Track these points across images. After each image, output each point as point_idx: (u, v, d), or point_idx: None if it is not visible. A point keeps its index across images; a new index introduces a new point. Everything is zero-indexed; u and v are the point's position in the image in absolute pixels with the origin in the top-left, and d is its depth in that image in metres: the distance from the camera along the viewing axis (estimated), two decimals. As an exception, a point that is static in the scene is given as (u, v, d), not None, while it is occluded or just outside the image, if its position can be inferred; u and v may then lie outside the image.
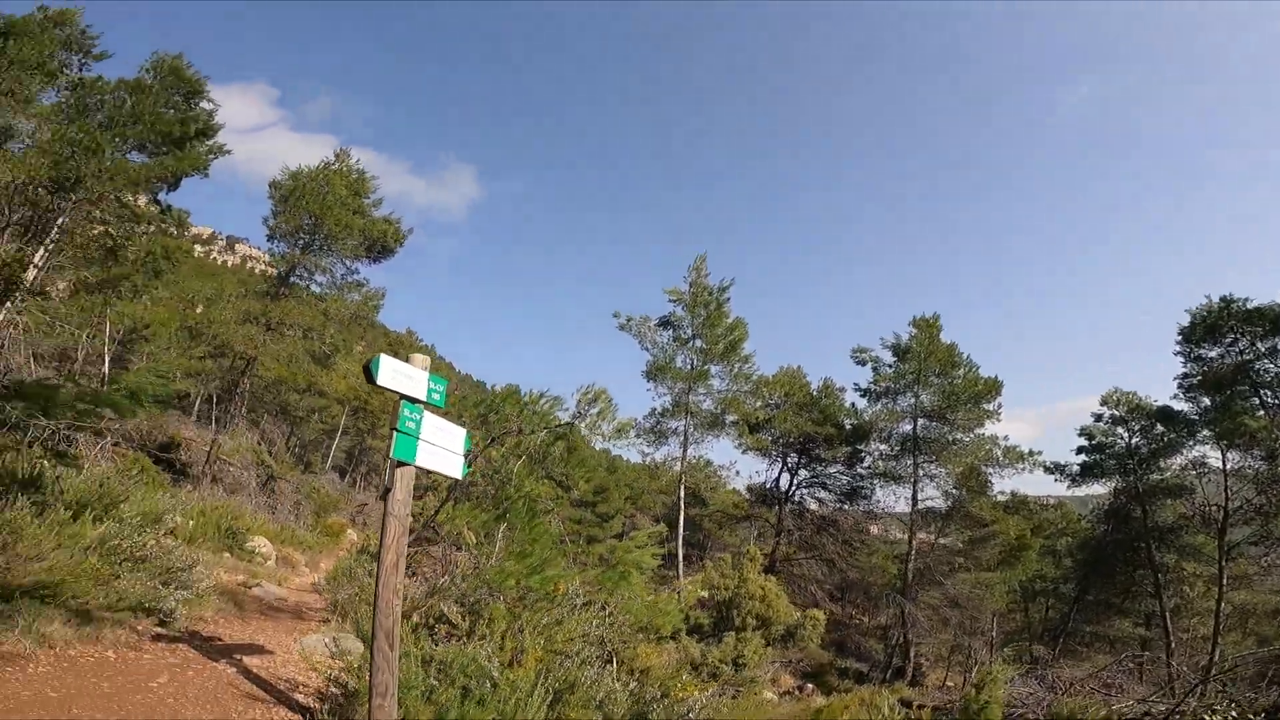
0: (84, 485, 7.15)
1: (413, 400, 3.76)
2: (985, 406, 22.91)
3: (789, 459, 27.12)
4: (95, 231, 15.62)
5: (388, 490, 3.61)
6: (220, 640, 5.79)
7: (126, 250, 16.91)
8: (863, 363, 24.59)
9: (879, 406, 24.44)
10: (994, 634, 24.28)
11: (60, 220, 14.63)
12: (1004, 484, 35.60)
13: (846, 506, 26.88)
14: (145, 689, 4.07)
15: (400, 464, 3.63)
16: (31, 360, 15.28)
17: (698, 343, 22.59)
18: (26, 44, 13.66)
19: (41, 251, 14.52)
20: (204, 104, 17.26)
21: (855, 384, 25.92)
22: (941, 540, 24.74)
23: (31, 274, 14.33)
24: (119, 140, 14.95)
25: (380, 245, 21.26)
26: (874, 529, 28.25)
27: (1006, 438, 23.43)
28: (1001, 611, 25.72)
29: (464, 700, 4.17)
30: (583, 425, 8.32)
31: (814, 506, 27.65)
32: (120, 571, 5.69)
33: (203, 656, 5.10)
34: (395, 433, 3.60)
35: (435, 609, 5.92)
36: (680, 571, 21.34)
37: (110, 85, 15.46)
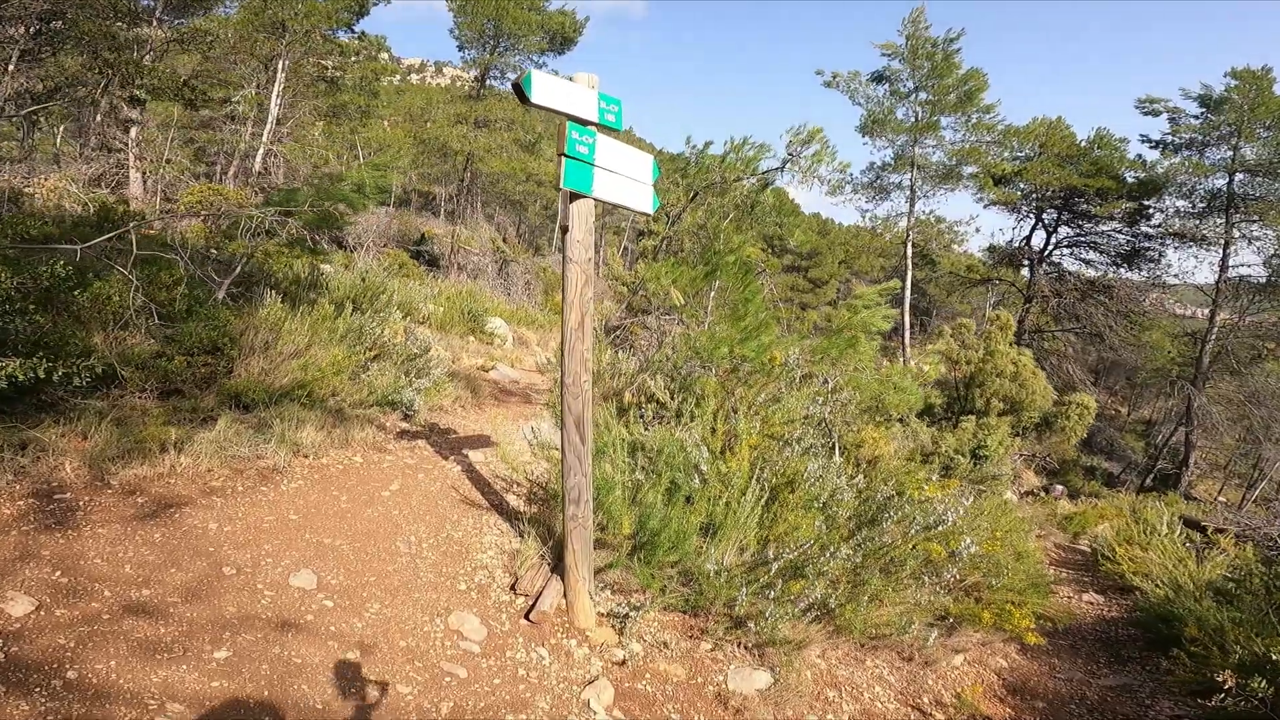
0: (350, 281, 7.69)
1: (581, 121, 2.88)
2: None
3: (1045, 215, 22.64)
4: (312, 65, 16.78)
5: (564, 231, 2.85)
6: (454, 432, 5.90)
7: (343, 79, 18.20)
8: (1153, 113, 19.86)
9: (1178, 159, 19.73)
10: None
11: (282, 63, 15.66)
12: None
13: (1124, 271, 22.18)
14: (376, 500, 4.14)
15: (575, 196, 2.84)
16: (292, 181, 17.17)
17: (921, 95, 20.30)
18: None
19: (275, 91, 15.76)
20: None
21: (1142, 135, 20.53)
22: (1251, 319, 19.75)
23: (273, 109, 15.73)
24: None
25: (561, 37, 20.85)
26: (1151, 299, 23.00)
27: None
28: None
29: (670, 499, 3.70)
30: (796, 170, 6.90)
31: (1077, 269, 23.23)
32: (368, 363, 5.82)
33: (435, 454, 5.19)
34: (563, 158, 2.78)
35: (647, 386, 5.41)
36: (906, 341, 19.99)
37: None
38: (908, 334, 20.25)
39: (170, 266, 4.72)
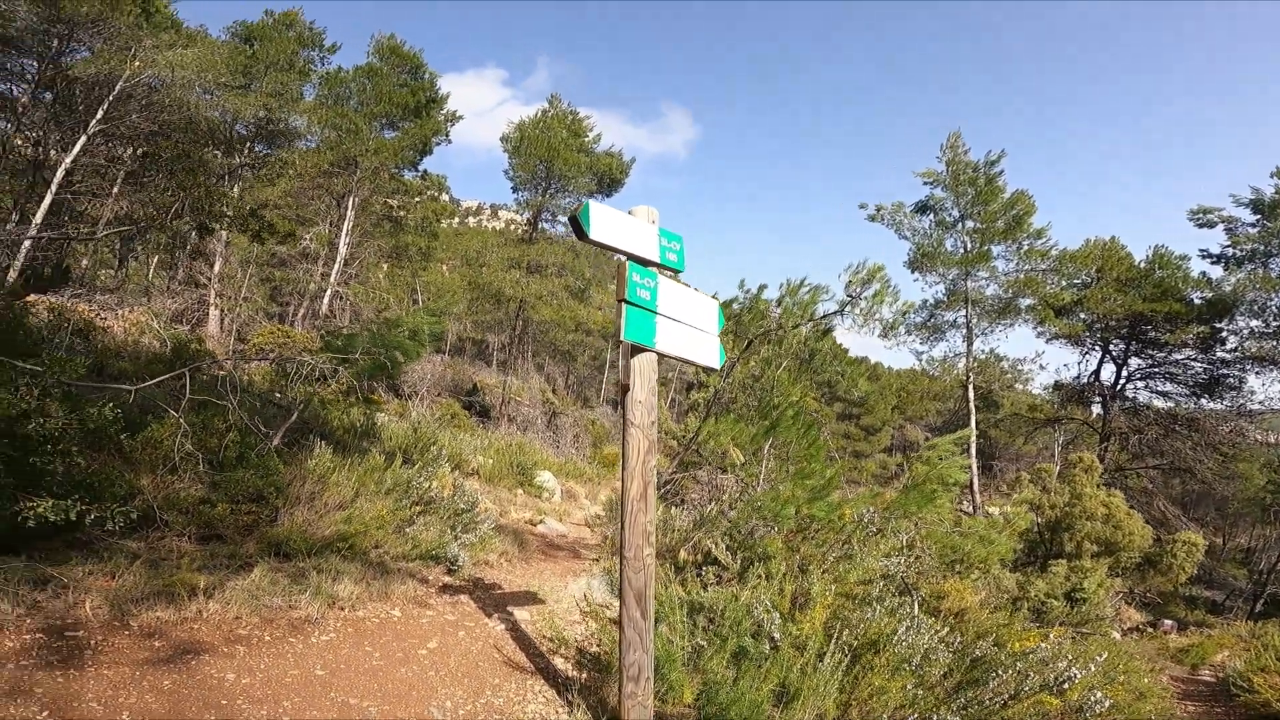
0: (402, 431, 7.74)
1: (641, 261, 2.72)
2: None
3: (1111, 346, 21.77)
4: (379, 204, 18.35)
5: (624, 390, 2.64)
6: (499, 588, 5.65)
7: (406, 218, 19.74)
8: (1207, 224, 18.92)
9: (1243, 274, 18.48)
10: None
11: (352, 199, 17.16)
12: None
13: (1205, 401, 20.87)
14: (412, 659, 3.86)
15: (636, 349, 2.64)
16: (355, 323, 18.14)
17: (968, 224, 19.65)
18: (270, 46, 15.73)
19: (345, 229, 17.14)
20: (425, 76, 18.98)
21: (1201, 250, 19.86)
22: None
23: (342, 248, 17.01)
24: (371, 120, 16.83)
25: (608, 179, 21.99)
26: (1231, 429, 21.67)
27: None
28: None
29: (737, 665, 3.36)
30: (855, 313, 6.76)
31: (1155, 402, 21.95)
32: (413, 516, 5.75)
33: (478, 611, 4.93)
34: (624, 305, 2.59)
35: (703, 545, 5.09)
36: (975, 489, 18.61)
37: (350, 74, 17.47)
38: (976, 481, 18.98)
39: (224, 411, 4.74)
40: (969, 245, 19.56)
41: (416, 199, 20.33)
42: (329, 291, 17.06)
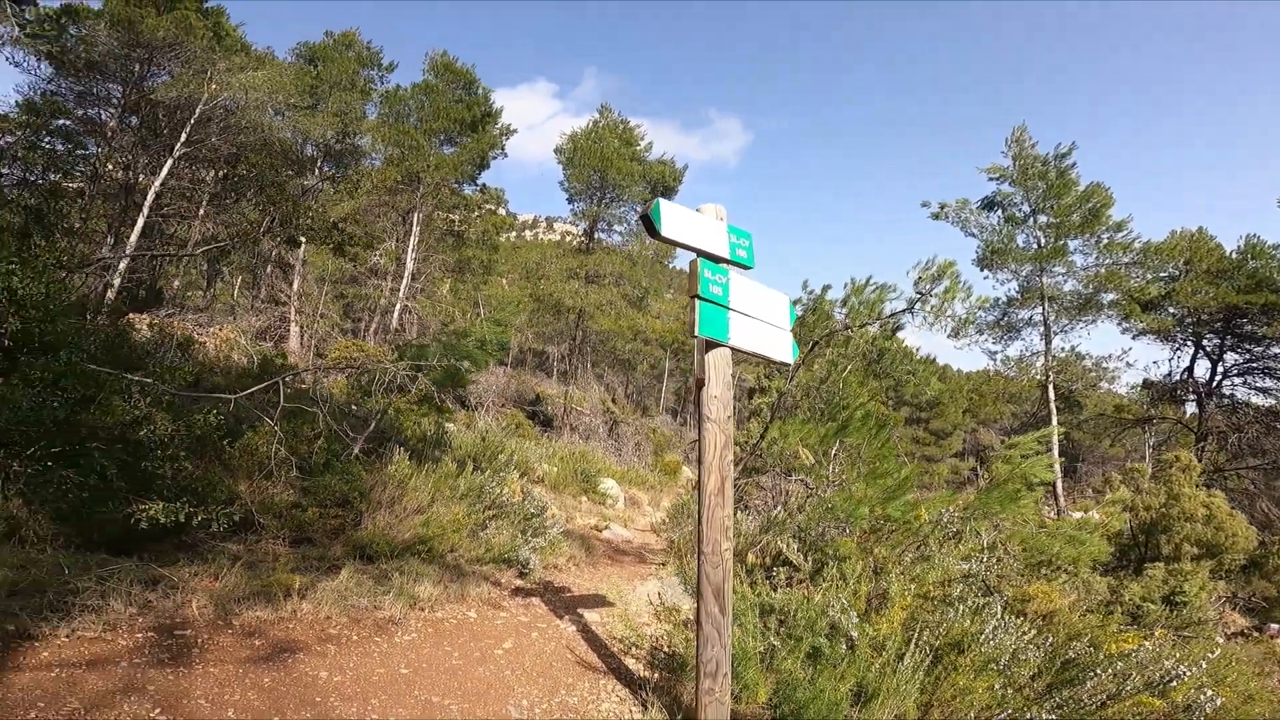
0: (471, 440, 7.99)
1: (713, 258, 2.72)
2: None
3: (1205, 341, 20.32)
4: (441, 219, 19.01)
5: (699, 385, 2.64)
6: (569, 591, 5.75)
7: (467, 232, 20.36)
8: None
9: None
10: None
11: (416, 216, 17.83)
12: None
13: (1310, 395, 19.18)
14: (489, 659, 3.96)
15: (710, 344, 2.64)
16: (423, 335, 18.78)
17: (1040, 218, 18.89)
18: (333, 66, 16.52)
19: (410, 245, 17.82)
20: (478, 91, 19.50)
21: None
22: None
23: (409, 263, 17.69)
24: (430, 137, 17.46)
25: (662, 186, 22.00)
26: None
27: None
28: None
29: (812, 665, 3.33)
30: (925, 311, 6.56)
31: (1254, 399, 20.32)
32: (486, 521, 5.93)
33: (550, 613, 5.02)
34: (697, 300, 2.60)
35: (771, 547, 5.04)
36: (1059, 491, 17.68)
37: (409, 92, 18.12)
38: (1059, 483, 18.04)
39: (312, 420, 4.98)
40: (1042, 240, 18.87)
41: (476, 213, 20.89)
42: (398, 306, 17.75)
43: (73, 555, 3.39)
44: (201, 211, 14.97)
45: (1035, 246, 18.90)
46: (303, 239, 14.18)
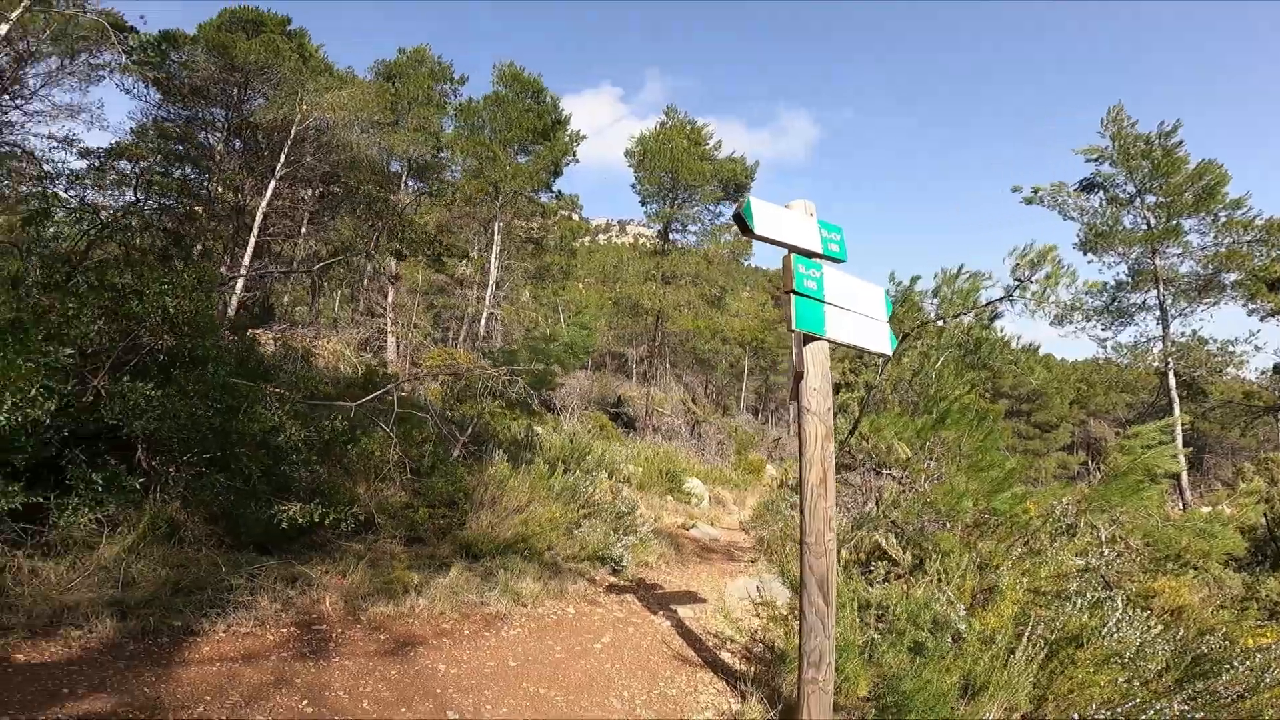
0: (558, 441, 8.22)
1: (805, 253, 2.74)
2: None
3: (1343, 320, 18.24)
4: (520, 228, 19.63)
5: (798, 378, 2.66)
6: (660, 588, 5.84)
7: (546, 239, 20.93)
8: None
9: None
10: None
11: (497, 225, 18.49)
12: None
13: None
14: (589, 653, 4.09)
15: (808, 338, 2.66)
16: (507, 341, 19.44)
17: (1148, 199, 17.91)
18: (409, 83, 17.28)
19: (493, 254, 18.50)
20: (546, 99, 19.92)
21: None
22: None
23: (493, 271, 18.37)
24: (505, 146, 18.03)
25: (734, 184, 21.81)
26: None
27: None
28: None
29: (916, 659, 3.29)
30: (1024, 298, 6.23)
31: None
32: (579, 520, 6.11)
33: (644, 608, 5.13)
34: (792, 295, 2.63)
35: (866, 542, 4.95)
36: (1184, 483, 16.36)
37: (481, 104, 18.74)
38: (1184, 475, 16.71)
39: (420, 425, 5.28)
40: (1152, 221, 17.84)
41: (553, 219, 21.39)
42: (485, 314, 18.45)
43: (225, 554, 3.75)
44: (303, 230, 16.00)
45: (1144, 228, 17.86)
46: (406, 253, 14.95)
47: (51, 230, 4.05)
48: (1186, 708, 2.98)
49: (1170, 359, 17.45)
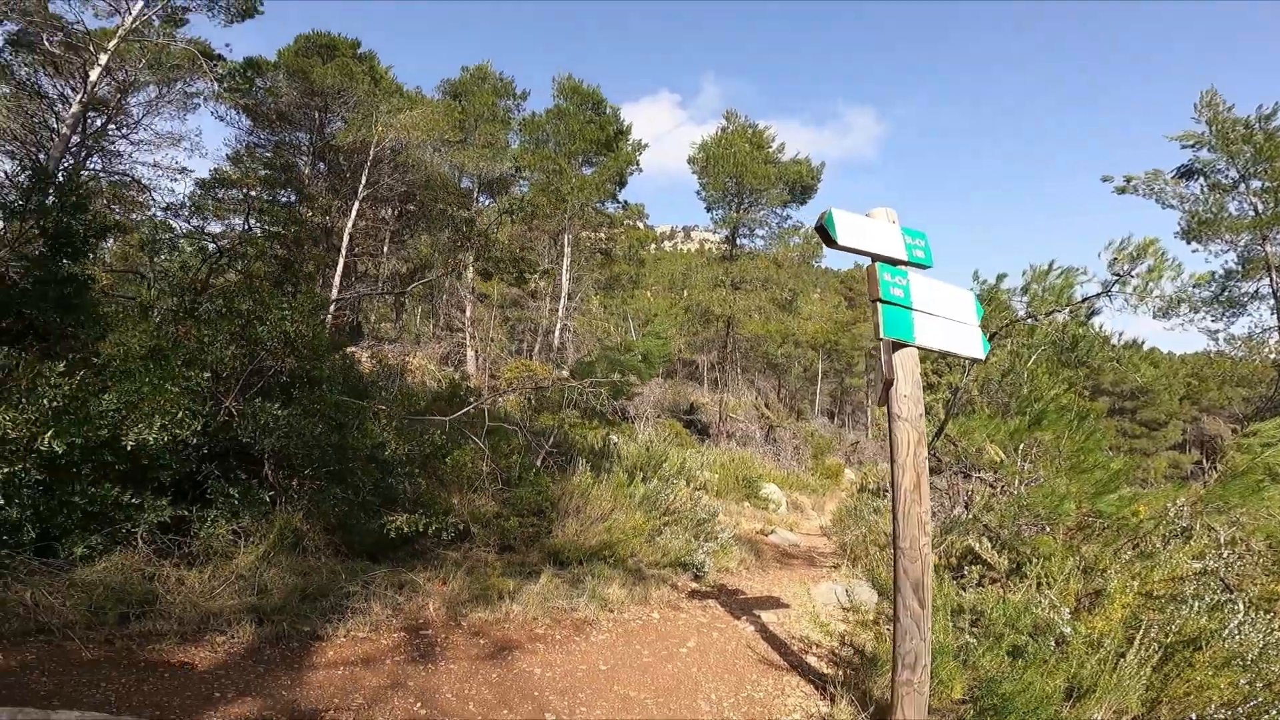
0: (635, 450, 8.34)
1: (890, 261, 2.75)
2: None
3: None
4: (589, 239, 20.01)
5: (888, 385, 2.67)
6: (742, 594, 5.85)
7: (614, 249, 21.23)
8: None
9: None
10: None
11: (566, 237, 18.91)
12: None
13: None
14: (675, 657, 4.15)
15: (896, 345, 2.67)
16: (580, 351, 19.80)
17: (1253, 184, 16.97)
18: (475, 100, 17.85)
19: (564, 266, 18.93)
20: (607, 110, 20.18)
21: None
22: None
23: (564, 283, 18.80)
24: (570, 159, 18.40)
25: (800, 186, 21.51)
26: None
27: None
28: None
29: (1015, 663, 3.27)
30: (1127, 292, 5.94)
31: None
32: (661, 527, 6.20)
33: (727, 614, 5.15)
34: (879, 304, 2.64)
35: (956, 546, 4.85)
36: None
37: (544, 118, 19.15)
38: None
39: (508, 437, 5.50)
40: (1260, 207, 16.83)
41: (620, 229, 21.64)
42: (558, 325, 18.89)
43: (341, 562, 4.03)
44: (385, 249, 16.80)
45: (1252, 214, 16.84)
46: (492, 271, 15.49)
47: (179, 259, 4.47)
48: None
49: (1292, 347, 16.16)
